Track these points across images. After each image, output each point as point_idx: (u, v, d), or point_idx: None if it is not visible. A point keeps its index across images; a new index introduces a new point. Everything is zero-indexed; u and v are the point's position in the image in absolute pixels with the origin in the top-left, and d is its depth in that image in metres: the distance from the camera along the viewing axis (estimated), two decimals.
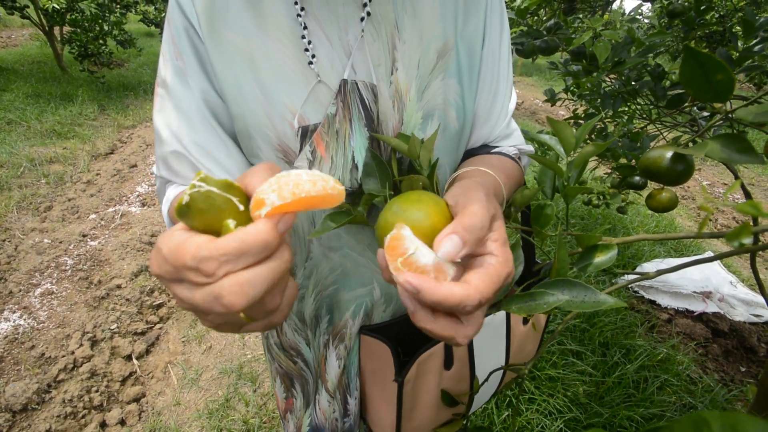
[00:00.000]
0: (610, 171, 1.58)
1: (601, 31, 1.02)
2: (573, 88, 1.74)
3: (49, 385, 1.61)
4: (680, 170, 0.61)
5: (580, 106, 1.95)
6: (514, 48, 1.35)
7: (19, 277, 2.14)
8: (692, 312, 2.04)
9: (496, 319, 0.65)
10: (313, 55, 0.48)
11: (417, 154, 0.48)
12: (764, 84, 1.78)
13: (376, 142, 0.52)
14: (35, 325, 1.88)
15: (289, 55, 0.48)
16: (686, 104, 1.17)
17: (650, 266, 2.22)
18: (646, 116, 1.51)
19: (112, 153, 3.77)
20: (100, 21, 4.88)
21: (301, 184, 0.27)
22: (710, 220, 3.46)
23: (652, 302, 2.14)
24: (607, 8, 1.38)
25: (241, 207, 0.27)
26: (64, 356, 1.73)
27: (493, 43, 0.57)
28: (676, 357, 1.76)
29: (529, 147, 0.66)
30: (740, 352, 1.89)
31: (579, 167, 0.57)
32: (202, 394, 1.66)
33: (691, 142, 1.01)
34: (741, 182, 0.43)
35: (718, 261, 2.43)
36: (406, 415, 0.60)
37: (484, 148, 0.62)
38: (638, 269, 2.26)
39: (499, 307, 0.43)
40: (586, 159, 0.54)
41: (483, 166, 0.52)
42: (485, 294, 0.30)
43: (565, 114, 5.97)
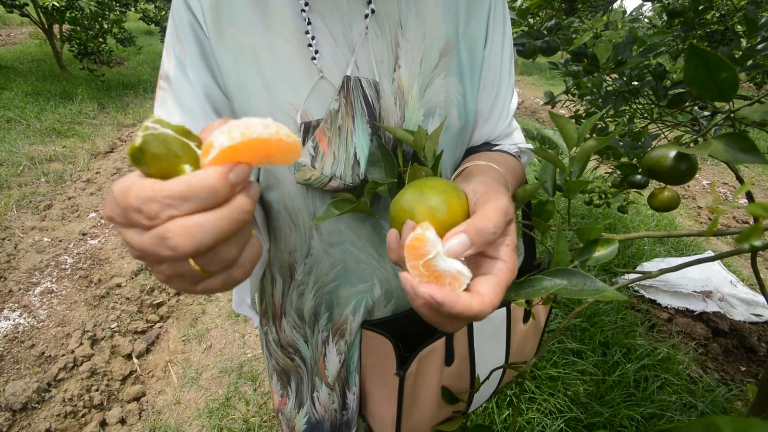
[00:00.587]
0: (611, 170, 1.58)
1: (602, 31, 1.02)
2: (573, 89, 1.74)
3: (49, 384, 1.61)
4: (683, 169, 0.61)
5: (581, 106, 1.95)
6: (515, 48, 1.34)
7: (19, 275, 2.14)
8: (692, 311, 2.04)
9: (497, 317, 0.65)
10: (317, 51, 0.49)
11: (422, 145, 0.49)
12: (765, 83, 1.78)
13: (380, 135, 0.52)
14: (35, 323, 1.88)
15: (292, 50, 0.48)
16: (687, 104, 1.16)
17: (651, 266, 2.22)
18: (647, 116, 1.51)
19: (111, 151, 3.77)
20: (100, 19, 4.88)
21: (252, 125, 0.26)
22: (708, 218, 3.46)
23: (653, 302, 2.15)
24: (608, 8, 1.38)
25: (200, 152, 0.26)
26: (64, 355, 1.73)
27: (495, 44, 0.58)
28: (677, 356, 1.76)
29: (529, 145, 0.67)
30: (740, 352, 1.89)
31: (581, 162, 0.57)
32: (203, 393, 1.66)
33: (694, 142, 1.01)
34: (748, 186, 0.43)
35: (719, 260, 2.43)
36: (406, 411, 0.60)
37: (486, 146, 0.63)
38: (638, 269, 2.26)
39: None
40: (589, 154, 0.54)
41: (490, 162, 0.53)
42: (495, 303, 0.32)
43: (567, 114, 5.97)
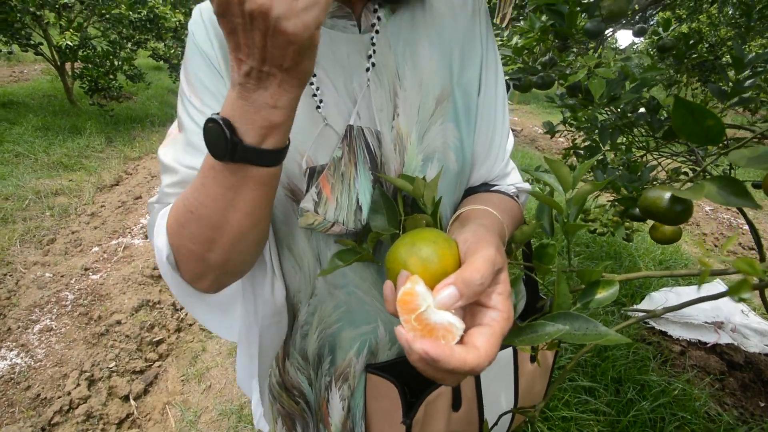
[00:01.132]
0: (612, 199, 1.58)
1: (595, 69, 1.05)
2: (570, 120, 1.77)
3: (43, 429, 1.56)
4: (679, 211, 0.62)
5: (579, 136, 1.97)
6: (511, 83, 1.37)
7: (19, 312, 2.12)
8: (705, 343, 1.98)
9: (503, 358, 0.64)
10: (321, 100, 0.51)
11: (421, 193, 0.51)
12: (759, 110, 1.81)
13: (382, 182, 0.54)
14: (32, 363, 1.84)
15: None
16: None
17: (659, 296, 2.17)
18: (644, 145, 1.52)
19: (117, 184, 3.82)
20: (111, 57, 5.07)
21: None
22: (714, 245, 3.42)
23: (663, 333, 2.09)
24: (599, 45, 1.42)
25: None
26: (60, 397, 1.69)
27: (488, 90, 0.61)
28: (693, 392, 1.69)
29: (527, 185, 0.68)
30: (758, 386, 1.82)
31: (578, 204, 0.57)
32: None
33: (691, 175, 1.01)
34: (736, 239, 0.43)
35: (726, 287, 2.38)
36: None
37: (484, 186, 0.65)
38: (647, 299, 2.22)
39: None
40: (585, 197, 0.55)
41: (487, 206, 0.54)
42: (491, 355, 0.33)
43: (565, 142, 6.04)
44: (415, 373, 0.62)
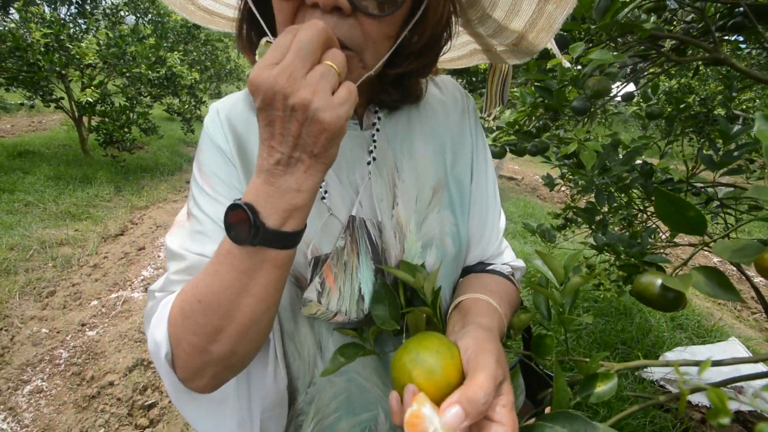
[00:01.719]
0: (614, 262, 1.57)
1: (585, 141, 1.09)
2: (569, 176, 1.81)
3: None
4: (671, 298, 0.62)
5: (577, 192, 2.01)
6: (507, 149, 1.42)
7: (11, 372, 2.07)
8: None
9: None
10: (326, 191, 0.54)
11: (422, 284, 0.53)
12: (748, 167, 1.86)
13: (382, 270, 0.56)
14: (18, 429, 1.77)
15: None
16: None
17: (672, 355, 2.10)
18: (640, 209, 1.54)
19: (122, 234, 3.86)
20: (128, 112, 5.33)
21: None
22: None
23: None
24: (587, 120, 1.48)
25: None
26: None
27: (480, 178, 0.65)
28: None
29: (521, 262, 0.70)
30: None
31: (571, 295, 0.59)
32: None
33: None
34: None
35: (742, 345, 2.30)
36: None
37: (480, 265, 0.67)
38: (661, 358, 2.13)
39: None
40: (576, 289, 0.57)
41: (485, 293, 0.56)
42: None
43: (566, 190, 6.11)
44: None
